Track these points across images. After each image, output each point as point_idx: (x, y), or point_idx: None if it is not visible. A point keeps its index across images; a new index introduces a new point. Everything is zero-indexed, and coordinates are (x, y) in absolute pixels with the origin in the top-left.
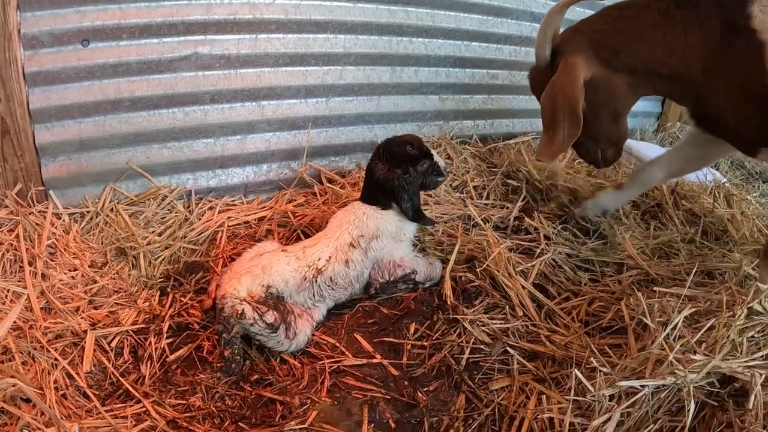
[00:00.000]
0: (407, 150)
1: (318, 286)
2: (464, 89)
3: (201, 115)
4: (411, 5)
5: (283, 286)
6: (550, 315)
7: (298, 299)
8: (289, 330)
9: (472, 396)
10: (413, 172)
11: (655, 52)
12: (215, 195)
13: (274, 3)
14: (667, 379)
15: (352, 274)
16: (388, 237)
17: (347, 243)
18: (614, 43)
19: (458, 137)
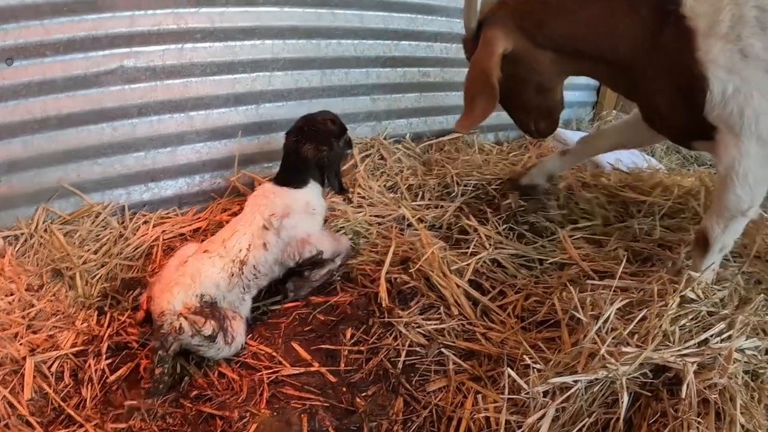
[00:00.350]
0: (329, 126)
1: (245, 277)
2: (396, 89)
3: (130, 129)
4: (338, 7)
5: (215, 290)
6: (486, 312)
7: (230, 298)
8: (227, 335)
9: (410, 398)
10: (337, 147)
11: (579, 31)
12: (149, 209)
13: (199, 11)
14: (599, 373)
15: (270, 257)
16: (298, 213)
17: (260, 226)
18: (539, 18)
19: (392, 137)
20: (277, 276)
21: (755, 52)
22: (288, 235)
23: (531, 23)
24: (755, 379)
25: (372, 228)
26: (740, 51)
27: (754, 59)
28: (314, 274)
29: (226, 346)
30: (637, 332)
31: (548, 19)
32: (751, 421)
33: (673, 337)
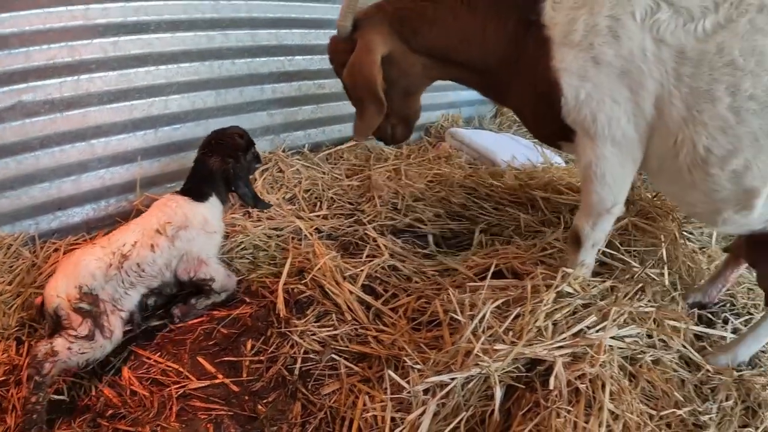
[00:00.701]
0: (237, 140)
1: (125, 272)
2: (292, 102)
3: (33, 161)
4: (230, 28)
5: (91, 280)
6: (379, 315)
7: (109, 290)
8: (104, 330)
9: (307, 402)
10: (243, 160)
11: (452, 42)
12: (58, 236)
13: (92, 42)
14: (473, 370)
15: (159, 261)
16: (197, 228)
17: (153, 229)
18: (415, 24)
19: (290, 149)
20: (170, 282)
21: (607, 60)
22: (183, 247)
23: (408, 29)
24: (634, 364)
25: (271, 241)
26: (592, 58)
27: (606, 66)
28: (200, 303)
29: (106, 341)
30: (512, 329)
31: (423, 28)
32: (620, 407)
33: (546, 332)
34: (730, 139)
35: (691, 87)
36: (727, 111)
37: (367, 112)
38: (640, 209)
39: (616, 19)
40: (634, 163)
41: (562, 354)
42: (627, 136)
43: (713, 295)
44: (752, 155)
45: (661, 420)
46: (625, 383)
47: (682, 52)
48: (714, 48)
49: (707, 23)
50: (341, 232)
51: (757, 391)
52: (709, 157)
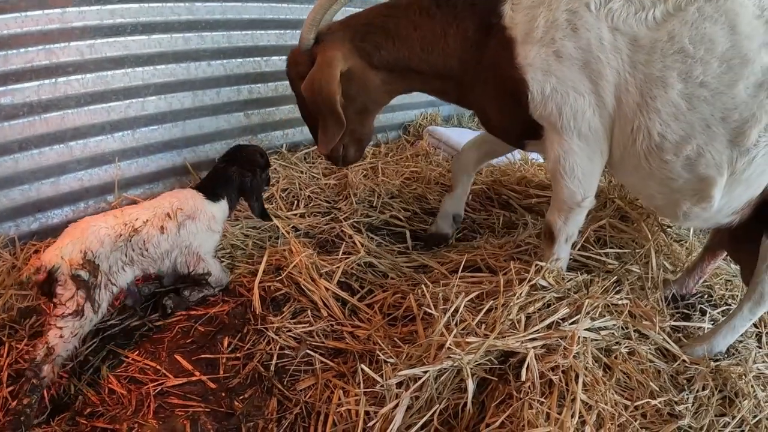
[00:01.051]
0: (257, 158)
1: (131, 246)
2: (269, 102)
3: (12, 163)
4: (206, 30)
5: (98, 246)
6: (355, 311)
7: (111, 261)
8: (94, 304)
9: (283, 398)
10: (259, 177)
11: (414, 52)
12: (38, 238)
13: (69, 45)
14: (445, 363)
15: (164, 245)
16: (203, 223)
17: (165, 213)
18: (377, 39)
19: (268, 149)
20: (166, 272)
21: (568, 53)
22: (186, 238)
23: (370, 44)
24: (609, 355)
25: (248, 240)
26: (555, 53)
27: (567, 59)
28: (193, 295)
29: (94, 316)
30: (485, 322)
31: (387, 43)
32: (593, 398)
33: (520, 324)
34: (682, 125)
35: (644, 74)
36: (678, 97)
37: (329, 126)
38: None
39: (573, 12)
40: (602, 155)
41: (535, 346)
42: (593, 128)
43: (690, 287)
44: (704, 142)
45: (636, 410)
46: (599, 374)
47: (635, 40)
48: (665, 36)
49: (657, 12)
50: (318, 230)
51: (734, 380)
52: (664, 144)
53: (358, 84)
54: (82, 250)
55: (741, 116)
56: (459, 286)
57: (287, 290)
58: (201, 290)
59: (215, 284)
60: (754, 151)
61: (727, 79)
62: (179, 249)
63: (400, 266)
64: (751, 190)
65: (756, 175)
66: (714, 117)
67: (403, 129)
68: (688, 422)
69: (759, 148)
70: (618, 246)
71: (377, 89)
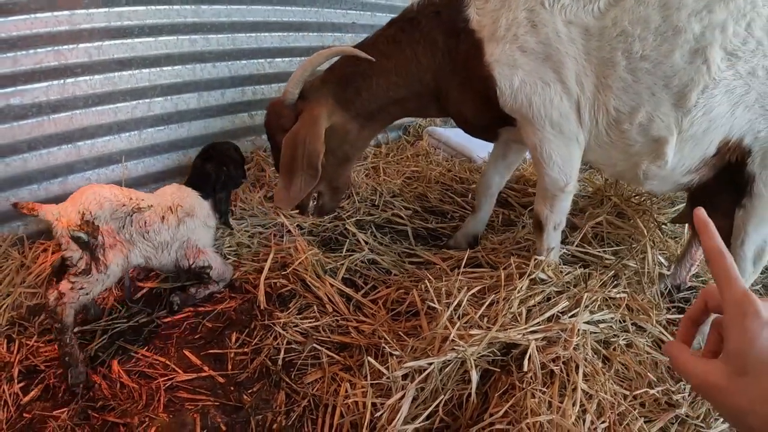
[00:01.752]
0: (232, 153)
1: (132, 223)
2: None
3: (21, 163)
4: (211, 32)
5: (97, 208)
6: (359, 307)
7: (113, 224)
8: (99, 264)
9: (291, 391)
10: (233, 173)
11: (391, 80)
12: (47, 237)
13: (78, 47)
14: (449, 355)
15: (164, 234)
16: (201, 219)
17: (167, 205)
18: (357, 84)
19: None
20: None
21: (531, 47)
22: (185, 234)
23: (351, 93)
24: (608, 347)
25: (254, 238)
26: (519, 48)
27: (531, 53)
28: (199, 292)
29: (101, 275)
30: (487, 315)
31: (365, 83)
32: (593, 387)
33: (521, 317)
34: (631, 96)
35: (597, 58)
36: (625, 72)
37: (297, 182)
38: (615, 205)
39: (530, 10)
40: (578, 141)
41: (536, 338)
42: (563, 115)
43: (683, 276)
44: (652, 108)
45: (635, 399)
46: (598, 365)
47: (586, 30)
48: (610, 22)
49: (601, 3)
50: (322, 228)
51: None
52: (619, 116)
53: (339, 136)
54: (81, 211)
55: (681, 81)
56: (461, 281)
57: (293, 287)
58: (207, 287)
59: (218, 278)
60: (695, 111)
61: (664, 49)
62: (179, 242)
63: (403, 263)
64: (700, 147)
65: (701, 132)
66: (657, 85)
67: (403, 129)
68: (685, 411)
69: (699, 108)
70: (615, 242)
71: (359, 137)
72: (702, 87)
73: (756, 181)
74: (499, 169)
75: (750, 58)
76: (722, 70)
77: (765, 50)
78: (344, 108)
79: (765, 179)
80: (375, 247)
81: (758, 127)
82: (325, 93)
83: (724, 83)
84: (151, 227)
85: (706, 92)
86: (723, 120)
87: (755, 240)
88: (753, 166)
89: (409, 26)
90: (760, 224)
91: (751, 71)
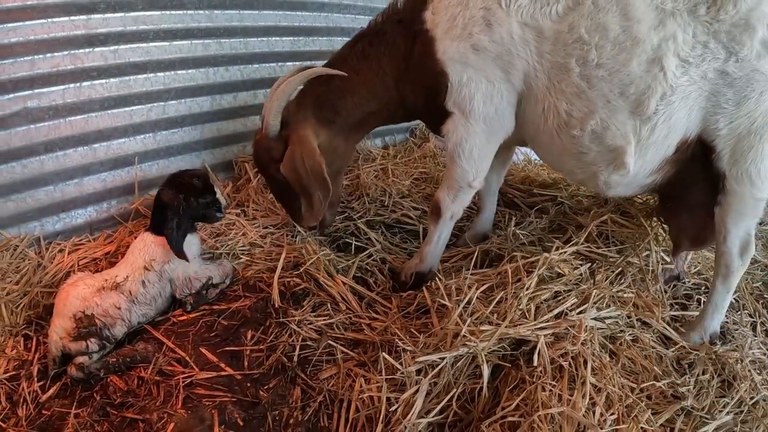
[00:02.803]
0: (194, 182)
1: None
2: None
3: (38, 165)
4: (224, 37)
5: (82, 303)
6: (371, 304)
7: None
8: (109, 339)
9: (306, 387)
10: (194, 203)
11: (361, 94)
12: (63, 238)
13: (94, 51)
14: (461, 350)
15: (151, 292)
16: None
17: (141, 267)
18: (333, 102)
19: None
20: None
21: (483, 45)
22: (171, 276)
23: (328, 111)
24: (614, 342)
25: (266, 238)
26: (472, 46)
27: (482, 51)
28: (210, 293)
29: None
30: (497, 311)
31: (340, 101)
32: (602, 381)
33: (529, 314)
34: (585, 102)
35: (550, 61)
36: (579, 79)
37: (314, 199)
38: (617, 204)
39: (487, 9)
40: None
41: (545, 334)
42: (499, 112)
43: (680, 265)
44: (607, 116)
45: (642, 392)
46: (606, 359)
47: (541, 33)
48: (566, 27)
49: (559, 7)
50: (333, 227)
51: (731, 365)
52: (570, 120)
53: (329, 153)
54: (70, 316)
55: (637, 89)
56: (470, 279)
57: (306, 285)
58: (216, 287)
59: (222, 279)
60: (655, 118)
61: (621, 58)
62: (169, 285)
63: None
64: (661, 151)
65: (662, 138)
66: (613, 93)
67: (409, 132)
68: (691, 403)
69: (659, 115)
70: (619, 241)
71: (344, 149)
72: (660, 94)
73: (727, 178)
74: (495, 168)
75: (700, 63)
76: (677, 76)
77: (713, 53)
78: (326, 126)
79: (735, 175)
80: (387, 246)
81: (717, 125)
82: (306, 115)
83: (680, 90)
84: (137, 294)
85: (665, 99)
86: (681, 123)
87: (737, 234)
88: (722, 163)
89: (376, 39)
90: (739, 219)
91: (703, 75)
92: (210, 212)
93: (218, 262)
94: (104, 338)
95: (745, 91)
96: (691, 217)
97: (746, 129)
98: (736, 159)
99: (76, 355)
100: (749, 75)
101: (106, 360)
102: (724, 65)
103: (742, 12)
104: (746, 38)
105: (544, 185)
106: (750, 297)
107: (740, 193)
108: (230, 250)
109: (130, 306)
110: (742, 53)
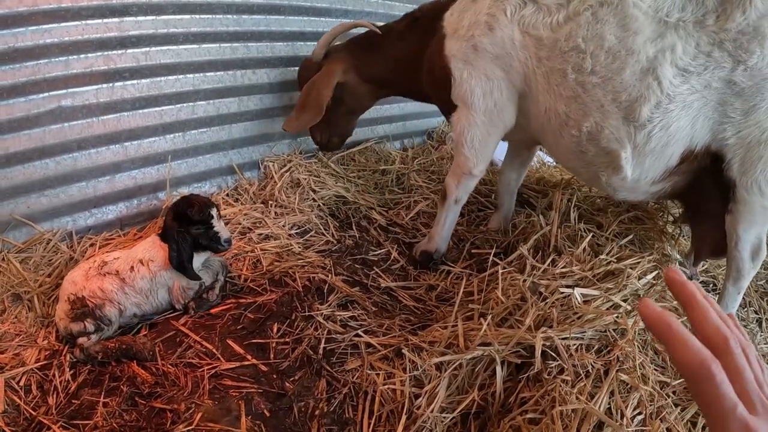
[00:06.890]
0: (188, 212)
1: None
2: None
3: (71, 162)
4: (251, 41)
5: (72, 286)
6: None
7: (91, 286)
8: (104, 320)
9: (331, 379)
10: (188, 231)
11: (391, 62)
12: (94, 232)
13: (126, 52)
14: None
15: (139, 283)
16: (173, 270)
17: (137, 258)
18: (369, 59)
19: (307, 152)
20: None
21: (483, 46)
22: (165, 283)
23: (363, 63)
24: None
25: (292, 239)
26: (473, 46)
27: (482, 51)
28: (211, 295)
29: (108, 327)
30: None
31: (374, 61)
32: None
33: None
34: (580, 105)
35: (548, 66)
36: (574, 84)
37: (306, 115)
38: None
39: (492, 15)
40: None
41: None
42: (498, 105)
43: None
44: (600, 119)
45: (666, 386)
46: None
47: (540, 40)
48: (563, 36)
49: (560, 17)
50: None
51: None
52: (569, 121)
53: (350, 92)
54: (65, 299)
55: (630, 96)
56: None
57: (331, 282)
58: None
59: (212, 279)
60: (650, 126)
61: (615, 67)
62: (163, 289)
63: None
64: (662, 161)
65: (660, 147)
66: (606, 98)
67: (427, 135)
68: None
69: (655, 123)
70: (638, 239)
71: (364, 96)
72: (655, 102)
73: (738, 187)
74: (515, 167)
75: (702, 72)
76: (675, 85)
77: (717, 62)
78: (357, 71)
79: (745, 185)
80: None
81: (725, 135)
82: (344, 56)
83: (679, 98)
84: (123, 273)
85: (660, 108)
86: (683, 133)
87: (748, 240)
88: (732, 172)
89: (413, 24)
90: (749, 226)
91: (707, 84)
92: (209, 243)
93: (205, 264)
94: (98, 318)
95: (753, 100)
96: (711, 226)
97: (756, 139)
98: (746, 168)
99: (78, 336)
100: (759, 84)
101: (105, 345)
102: (731, 74)
103: (750, 20)
104: (755, 46)
105: (557, 186)
106: (755, 294)
107: (750, 202)
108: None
109: (121, 286)
110: (751, 62)
